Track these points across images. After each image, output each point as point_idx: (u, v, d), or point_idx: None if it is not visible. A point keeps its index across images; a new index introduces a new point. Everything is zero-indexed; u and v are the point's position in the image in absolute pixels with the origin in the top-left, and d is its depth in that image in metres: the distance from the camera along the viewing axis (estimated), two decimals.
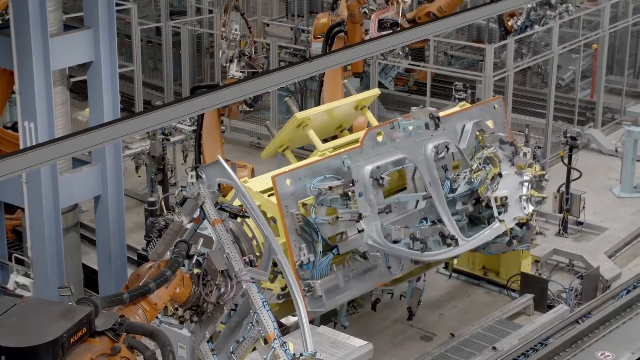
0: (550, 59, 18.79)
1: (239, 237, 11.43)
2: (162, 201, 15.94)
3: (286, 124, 12.96)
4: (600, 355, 11.86)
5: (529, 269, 14.53)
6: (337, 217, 11.39)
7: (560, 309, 13.55)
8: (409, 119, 12.50)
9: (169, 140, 16.85)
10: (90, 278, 13.78)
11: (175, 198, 9.62)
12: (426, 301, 13.86)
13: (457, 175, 12.71)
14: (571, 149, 16.05)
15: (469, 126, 13.16)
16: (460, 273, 14.97)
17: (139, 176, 17.17)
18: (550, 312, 13.56)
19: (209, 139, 15.42)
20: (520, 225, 13.14)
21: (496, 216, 12.78)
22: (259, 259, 11.40)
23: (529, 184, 13.19)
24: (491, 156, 12.96)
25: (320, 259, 11.28)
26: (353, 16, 16.01)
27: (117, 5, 15.15)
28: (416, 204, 12.36)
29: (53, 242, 12.27)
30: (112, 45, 12.36)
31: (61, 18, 12.38)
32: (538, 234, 13.61)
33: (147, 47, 23.24)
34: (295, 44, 22.40)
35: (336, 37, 16.54)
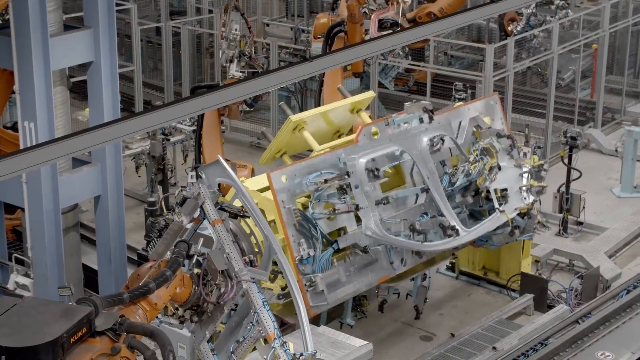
0: (550, 59, 18.80)
1: (238, 236, 11.45)
2: (162, 201, 15.95)
3: (282, 127, 12.92)
4: (600, 355, 11.86)
5: (529, 269, 14.53)
6: (334, 210, 11.41)
7: (560, 309, 13.55)
8: (403, 115, 12.56)
9: (169, 140, 16.85)
10: (90, 278, 13.78)
11: (175, 198, 9.61)
12: (427, 301, 13.86)
13: (456, 169, 12.75)
14: (571, 149, 16.05)
15: (465, 122, 13.22)
16: (460, 273, 14.97)
17: (139, 176, 17.17)
18: (550, 312, 13.55)
19: (209, 139, 15.42)
20: (521, 215, 13.12)
21: (497, 207, 12.77)
22: (258, 255, 11.44)
23: (528, 175, 13.19)
24: (488, 147, 12.98)
25: (320, 253, 11.29)
26: (353, 16, 16.02)
27: (117, 5, 15.15)
28: (416, 199, 12.39)
29: (53, 242, 12.27)
30: (112, 45, 12.36)
31: (61, 18, 12.38)
32: (540, 223, 13.55)
33: (147, 47, 23.25)
34: (295, 44, 22.40)
35: (336, 37, 16.55)
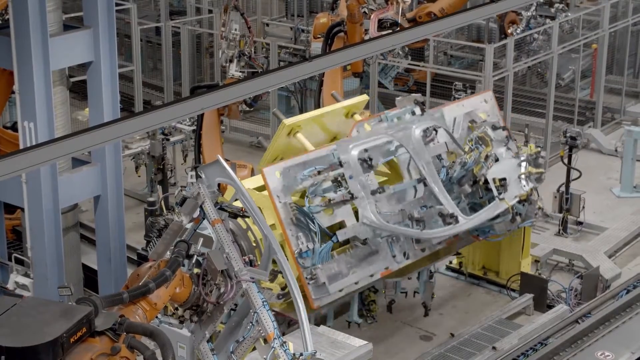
0: (550, 59, 18.81)
1: (238, 235, 11.45)
2: (162, 201, 15.96)
3: (276, 133, 12.92)
4: (600, 355, 11.86)
5: (528, 268, 14.53)
6: (330, 201, 11.40)
7: (560, 308, 13.55)
8: (396, 111, 12.61)
9: (168, 140, 16.85)
10: (90, 278, 13.78)
11: (175, 198, 9.61)
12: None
13: (453, 162, 12.79)
14: (571, 149, 16.04)
15: (460, 118, 13.26)
16: (460, 273, 14.97)
17: (139, 176, 17.17)
18: (550, 312, 13.55)
19: (208, 138, 15.42)
20: (521, 202, 13.10)
21: (496, 196, 12.78)
22: (257, 251, 11.45)
23: (526, 162, 13.18)
24: (482, 136, 13.00)
25: (319, 246, 11.28)
26: (353, 16, 16.02)
27: (117, 5, 15.16)
28: (415, 193, 12.41)
29: (53, 242, 12.27)
30: (112, 45, 12.36)
31: (61, 18, 12.38)
32: (540, 209, 13.49)
33: (146, 47, 23.25)
34: (295, 43, 22.40)
35: (336, 37, 16.55)
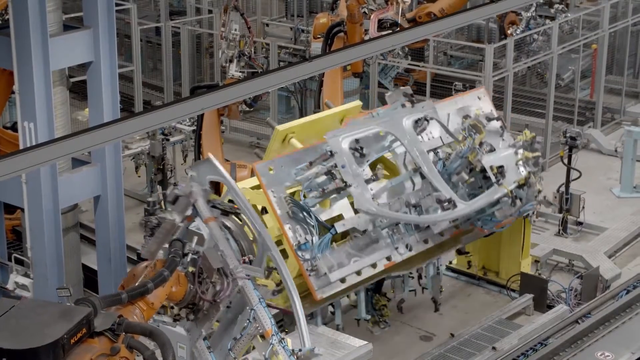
0: (550, 59, 18.81)
1: (236, 234, 11.44)
2: (162, 200, 15.97)
3: (271, 140, 12.94)
4: (600, 355, 11.86)
5: (528, 269, 14.53)
6: (324, 191, 11.39)
7: (560, 309, 13.55)
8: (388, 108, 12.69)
9: (168, 140, 16.85)
10: (90, 278, 13.77)
11: (167, 196, 9.60)
12: (426, 301, 13.83)
13: (449, 154, 12.82)
14: (571, 149, 16.04)
15: (453, 113, 13.31)
16: (460, 273, 14.97)
17: (139, 176, 17.17)
18: (550, 312, 13.55)
19: (208, 139, 15.43)
20: (521, 187, 13.06)
21: (494, 182, 12.78)
22: (254, 244, 11.46)
23: (522, 149, 13.16)
24: (475, 123, 13.01)
25: (318, 238, 11.28)
26: (353, 16, 16.02)
27: (117, 5, 15.16)
28: (413, 187, 12.44)
29: (53, 242, 12.27)
30: (111, 45, 12.36)
31: (61, 18, 12.38)
32: (540, 192, 13.41)
33: (146, 47, 23.25)
34: (295, 44, 22.39)
35: (336, 37, 16.55)
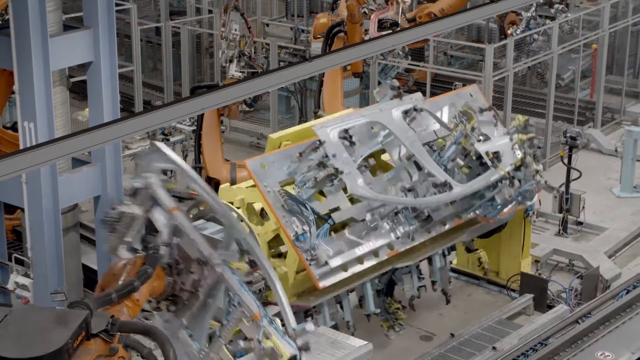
0: (550, 59, 18.81)
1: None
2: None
3: (266, 148, 12.99)
4: (600, 355, 11.86)
5: (528, 269, 14.53)
6: (316, 179, 11.41)
7: (560, 309, 13.55)
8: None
9: (168, 140, 16.85)
10: (90, 278, 13.76)
11: (125, 190, 9.36)
12: (426, 301, 13.85)
13: (444, 145, 12.86)
14: (571, 149, 16.05)
15: (445, 109, 13.37)
16: (460, 273, 14.97)
17: None
18: (550, 312, 13.55)
19: (208, 139, 15.43)
20: (517, 168, 13.00)
21: (490, 165, 12.78)
22: None
23: (516, 133, 13.14)
24: (465, 110, 13.04)
25: (315, 229, 11.28)
26: (353, 16, 16.03)
27: (117, 5, 15.16)
28: (410, 178, 12.48)
29: (53, 242, 12.26)
30: (112, 45, 12.35)
31: (61, 18, 12.37)
32: (538, 172, 13.34)
33: (146, 47, 23.25)
34: (295, 44, 22.40)
35: (336, 37, 16.56)
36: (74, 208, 13.06)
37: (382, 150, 12.87)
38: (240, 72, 15.87)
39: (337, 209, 11.83)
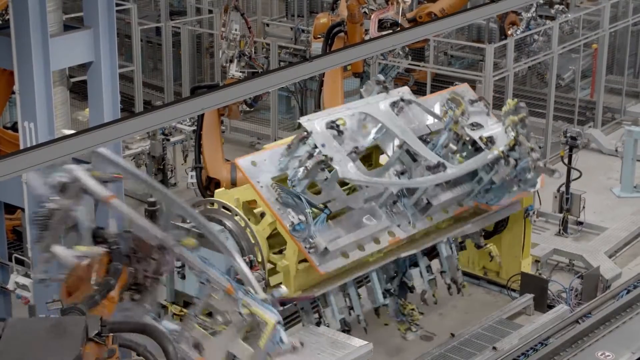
0: (550, 59, 18.81)
1: (238, 236, 11.44)
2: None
3: None
4: (600, 355, 11.86)
5: (529, 269, 14.53)
6: (307, 168, 11.40)
7: (560, 309, 13.55)
8: None
9: (169, 140, 16.86)
10: None
11: (53, 187, 9.08)
12: (427, 300, 13.86)
13: (438, 137, 12.87)
14: (571, 149, 16.05)
15: (436, 106, 13.38)
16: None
17: None
18: (550, 312, 13.55)
19: (209, 139, 15.43)
20: (512, 148, 12.93)
21: (484, 148, 12.76)
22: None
23: (508, 115, 13.12)
24: (453, 97, 13.05)
25: (312, 219, 11.26)
26: (353, 16, 16.03)
27: (117, 5, 15.14)
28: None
29: None
30: (112, 45, 12.35)
31: (61, 18, 12.37)
32: (533, 150, 13.24)
33: (147, 47, 23.24)
34: (295, 44, 22.41)
35: (336, 37, 16.56)
36: None
37: (380, 152, 12.87)
38: (240, 72, 15.88)
39: (333, 200, 11.81)
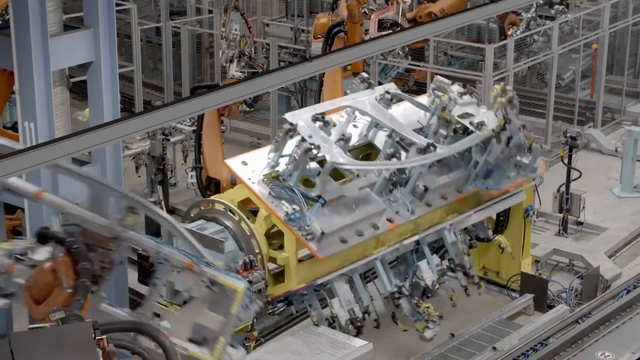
0: (550, 59, 18.81)
1: (238, 236, 11.42)
2: (163, 201, 15.97)
3: None
4: (600, 355, 11.86)
5: (529, 269, 14.53)
6: (294, 158, 11.39)
7: (560, 309, 13.55)
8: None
9: (169, 140, 16.84)
10: None
11: None
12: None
13: (427, 127, 12.92)
14: (571, 149, 16.05)
15: (424, 99, 13.48)
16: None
17: (139, 176, 17.15)
18: (550, 312, 13.55)
19: (208, 139, 15.43)
20: (503, 128, 12.89)
21: (473, 130, 12.75)
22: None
23: (496, 98, 13.11)
24: (438, 85, 13.10)
25: (306, 208, 11.25)
26: (353, 16, 16.03)
27: (117, 5, 15.14)
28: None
29: None
30: (112, 45, 12.35)
31: (61, 18, 12.37)
32: (524, 127, 13.11)
33: (147, 47, 23.25)
34: (295, 44, 22.40)
35: (336, 37, 16.56)
36: None
37: (378, 152, 12.87)
38: (240, 72, 15.88)
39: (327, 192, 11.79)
